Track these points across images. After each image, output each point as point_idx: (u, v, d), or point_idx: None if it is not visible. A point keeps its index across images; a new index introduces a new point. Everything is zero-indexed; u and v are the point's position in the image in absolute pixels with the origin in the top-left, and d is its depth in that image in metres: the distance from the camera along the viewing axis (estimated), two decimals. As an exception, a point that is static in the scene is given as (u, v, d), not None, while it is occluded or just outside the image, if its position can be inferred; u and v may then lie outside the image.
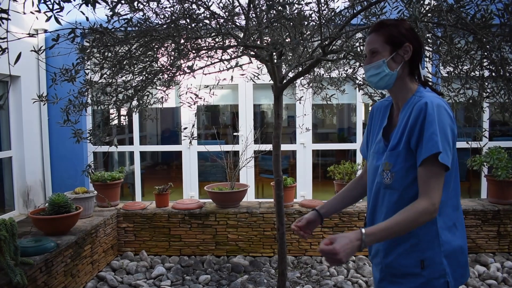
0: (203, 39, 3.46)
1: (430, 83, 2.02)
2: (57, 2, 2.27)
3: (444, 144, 1.74)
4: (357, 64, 3.87)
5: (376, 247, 2.07)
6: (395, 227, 1.73)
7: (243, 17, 3.32)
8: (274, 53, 3.40)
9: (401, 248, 1.93)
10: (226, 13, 3.36)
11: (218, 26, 3.17)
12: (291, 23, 2.94)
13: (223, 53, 3.73)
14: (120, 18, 2.97)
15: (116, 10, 2.70)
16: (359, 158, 6.82)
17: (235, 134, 6.91)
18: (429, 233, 1.88)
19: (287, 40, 3.23)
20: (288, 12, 3.04)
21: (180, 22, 3.24)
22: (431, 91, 1.93)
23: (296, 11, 3.02)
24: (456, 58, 2.67)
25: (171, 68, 3.58)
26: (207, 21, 3.30)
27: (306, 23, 3.02)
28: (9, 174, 6.22)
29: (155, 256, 5.74)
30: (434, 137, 1.74)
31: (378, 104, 2.22)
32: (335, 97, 4.64)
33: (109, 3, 2.54)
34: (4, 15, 2.13)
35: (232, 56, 3.76)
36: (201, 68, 3.83)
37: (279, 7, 2.81)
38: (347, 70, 4.30)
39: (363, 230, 1.70)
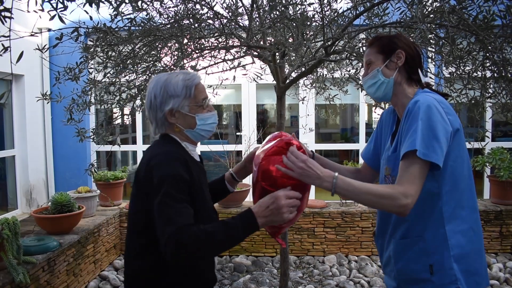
0: (206, 39, 3.47)
1: (432, 86, 2.01)
2: (61, 1, 2.28)
3: (431, 141, 1.70)
4: (360, 64, 3.87)
5: (387, 254, 2.03)
6: (363, 192, 1.73)
7: (246, 17, 3.33)
8: (277, 53, 3.41)
9: (411, 253, 1.89)
10: (230, 13, 3.37)
11: (221, 26, 3.18)
12: (294, 24, 2.95)
13: (226, 53, 3.74)
14: (124, 17, 2.99)
15: (119, 10, 2.72)
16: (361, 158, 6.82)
17: (238, 133, 6.92)
18: (437, 237, 1.82)
19: (290, 41, 3.24)
20: (291, 12, 3.05)
21: (184, 22, 3.25)
22: (430, 92, 1.91)
23: (299, 12, 3.03)
24: (458, 58, 2.67)
25: (174, 68, 3.58)
26: (210, 21, 3.31)
27: (308, 23, 3.03)
28: (12, 173, 6.25)
29: (158, 255, 5.74)
30: (413, 134, 1.72)
31: (387, 111, 2.22)
32: (338, 97, 4.65)
33: (113, 3, 2.55)
34: (7, 14, 2.14)
35: (235, 56, 3.77)
36: (204, 68, 3.84)
37: (282, 8, 2.82)
38: (349, 70, 4.30)
39: (336, 177, 1.74)
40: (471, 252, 1.86)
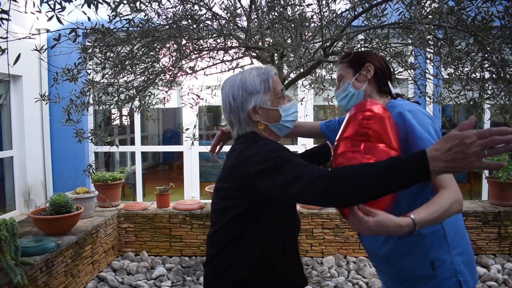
0: (204, 40, 3.46)
1: (402, 95, 2.08)
2: (59, 2, 2.27)
3: (432, 143, 1.74)
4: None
5: (382, 253, 2.04)
6: (439, 218, 1.63)
7: (244, 18, 3.33)
8: (275, 54, 3.40)
9: (411, 251, 1.92)
10: (228, 14, 3.37)
11: (219, 27, 3.18)
12: (292, 25, 2.95)
13: (225, 54, 3.74)
14: (122, 18, 2.98)
15: (118, 11, 2.71)
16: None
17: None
18: (436, 233, 1.88)
19: (288, 42, 3.24)
20: (289, 13, 3.05)
21: (182, 23, 3.24)
22: (403, 100, 1.99)
23: (297, 13, 3.03)
24: (457, 59, 2.67)
25: (173, 69, 3.58)
26: (208, 22, 3.30)
27: (307, 24, 3.02)
28: (10, 173, 6.23)
29: (156, 257, 5.75)
30: (423, 135, 1.76)
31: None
32: (336, 98, 4.64)
33: (111, 4, 2.55)
34: (5, 16, 2.14)
35: (234, 57, 3.77)
36: (202, 69, 3.84)
37: (280, 9, 2.82)
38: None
39: (416, 221, 1.55)
40: (468, 245, 1.95)
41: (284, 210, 1.86)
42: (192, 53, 3.45)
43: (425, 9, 2.73)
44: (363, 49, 3.36)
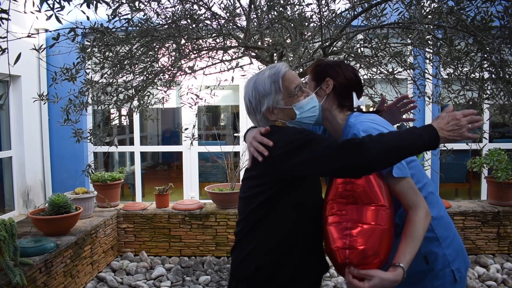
0: (204, 40, 3.46)
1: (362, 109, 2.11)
2: (58, 1, 2.27)
3: None
4: (358, 65, 3.87)
5: None
6: (417, 245, 1.78)
7: (244, 18, 3.32)
8: (275, 54, 3.40)
9: None
10: (227, 14, 3.36)
11: (219, 26, 3.18)
12: (292, 24, 2.95)
13: (224, 54, 3.73)
14: (121, 17, 2.98)
15: (117, 11, 2.71)
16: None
17: (235, 134, 6.90)
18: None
19: (288, 41, 3.24)
20: (289, 13, 3.04)
21: (181, 22, 3.24)
22: (360, 114, 2.01)
23: (297, 12, 3.03)
24: (456, 59, 2.67)
25: (172, 69, 3.58)
26: (208, 22, 3.30)
27: (306, 24, 3.02)
28: (9, 174, 6.23)
29: (155, 257, 5.74)
30: None
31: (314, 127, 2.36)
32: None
33: (110, 4, 2.54)
34: (5, 15, 2.13)
35: (233, 57, 3.76)
36: (202, 68, 3.83)
37: (280, 8, 2.81)
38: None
39: (404, 268, 1.73)
40: (455, 233, 2.04)
41: (307, 197, 1.90)
42: (191, 53, 3.45)
43: (425, 9, 2.72)
44: (362, 48, 3.36)
